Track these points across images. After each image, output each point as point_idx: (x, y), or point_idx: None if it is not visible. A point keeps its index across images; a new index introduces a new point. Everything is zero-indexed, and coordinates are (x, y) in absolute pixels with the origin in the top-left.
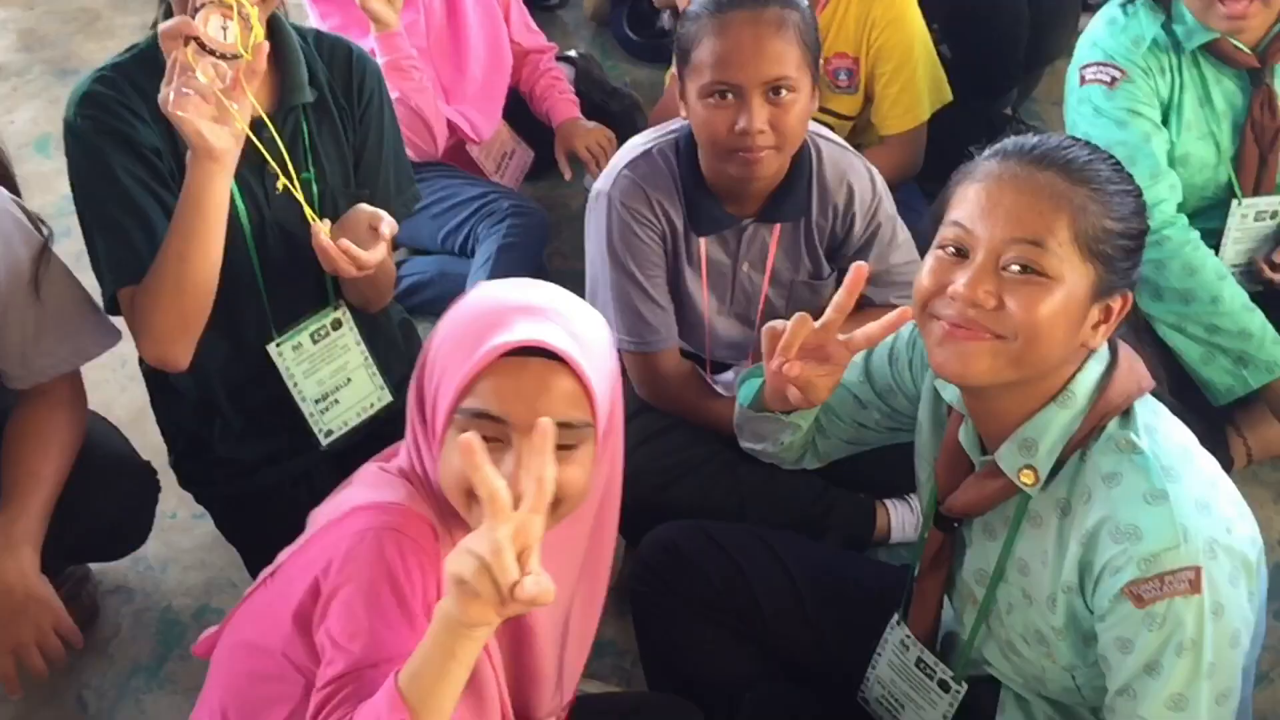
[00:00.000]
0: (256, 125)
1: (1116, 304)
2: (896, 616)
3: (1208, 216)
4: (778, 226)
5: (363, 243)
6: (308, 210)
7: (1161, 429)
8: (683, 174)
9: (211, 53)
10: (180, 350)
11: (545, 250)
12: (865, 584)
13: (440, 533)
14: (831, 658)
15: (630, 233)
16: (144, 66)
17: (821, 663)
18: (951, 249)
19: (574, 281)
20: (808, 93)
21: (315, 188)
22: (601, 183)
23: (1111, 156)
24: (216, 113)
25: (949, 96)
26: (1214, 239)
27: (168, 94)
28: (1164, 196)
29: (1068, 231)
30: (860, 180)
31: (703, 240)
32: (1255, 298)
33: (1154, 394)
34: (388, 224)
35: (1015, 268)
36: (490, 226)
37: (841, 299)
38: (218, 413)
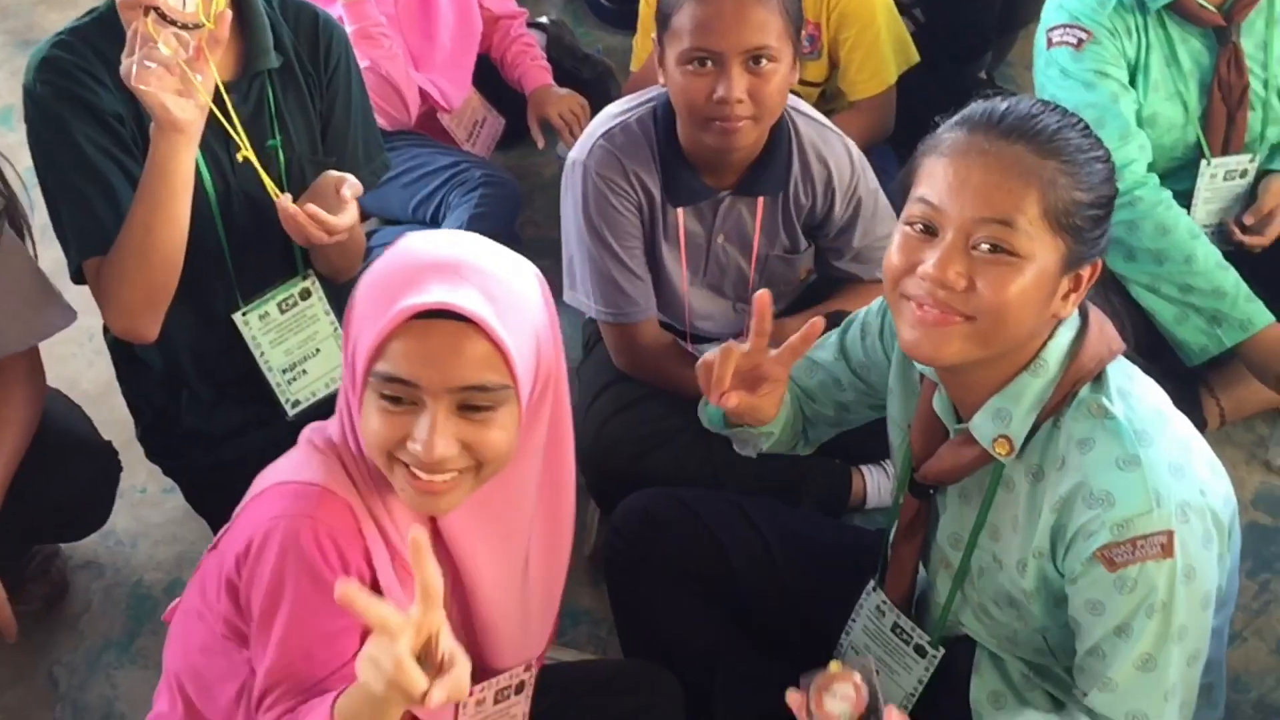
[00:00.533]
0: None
1: (1086, 272)
2: (872, 582)
3: (1177, 178)
4: (760, 202)
5: (331, 209)
6: (268, 183)
7: (1135, 392)
8: (660, 144)
9: (173, 23)
10: (147, 322)
11: (518, 219)
12: (841, 549)
13: (360, 511)
14: (807, 623)
15: (606, 203)
16: (104, 30)
17: (797, 628)
18: (920, 226)
19: (548, 250)
20: (788, 63)
21: (282, 155)
22: (577, 152)
23: (1081, 121)
24: (180, 84)
25: (916, 58)
26: (1184, 200)
27: (129, 66)
28: (1134, 157)
29: (1037, 207)
30: (838, 159)
31: (679, 211)
32: (1226, 258)
33: (1126, 356)
34: (351, 185)
35: (985, 246)
36: (462, 196)
37: (760, 325)
38: (185, 384)
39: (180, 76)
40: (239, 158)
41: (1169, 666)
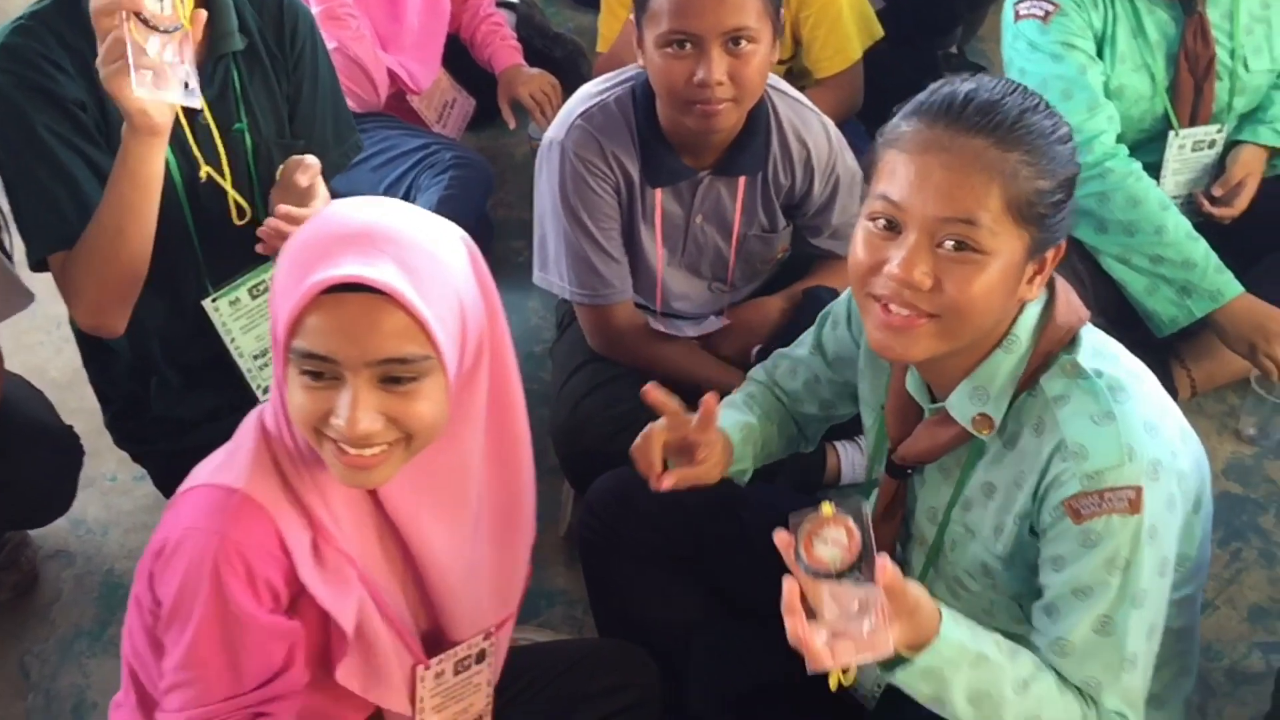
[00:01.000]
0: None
1: (1051, 254)
2: None
3: (1146, 149)
4: (742, 181)
5: (301, 198)
6: (233, 204)
7: (1109, 353)
8: (639, 124)
9: (154, 28)
10: (116, 318)
11: (489, 201)
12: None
13: (281, 510)
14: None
15: (583, 184)
16: (64, 13)
17: (771, 606)
18: (882, 222)
19: (520, 231)
20: (768, 44)
21: (249, 139)
22: (554, 131)
23: (1041, 102)
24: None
25: (880, 33)
26: (1153, 172)
27: (110, 72)
28: (1103, 128)
29: (1000, 202)
30: (816, 138)
31: (657, 191)
32: (1195, 230)
33: (1097, 326)
34: (305, 168)
35: (950, 244)
36: (432, 178)
37: (670, 404)
38: (154, 371)
39: (159, 78)
40: (202, 175)
41: (1127, 633)
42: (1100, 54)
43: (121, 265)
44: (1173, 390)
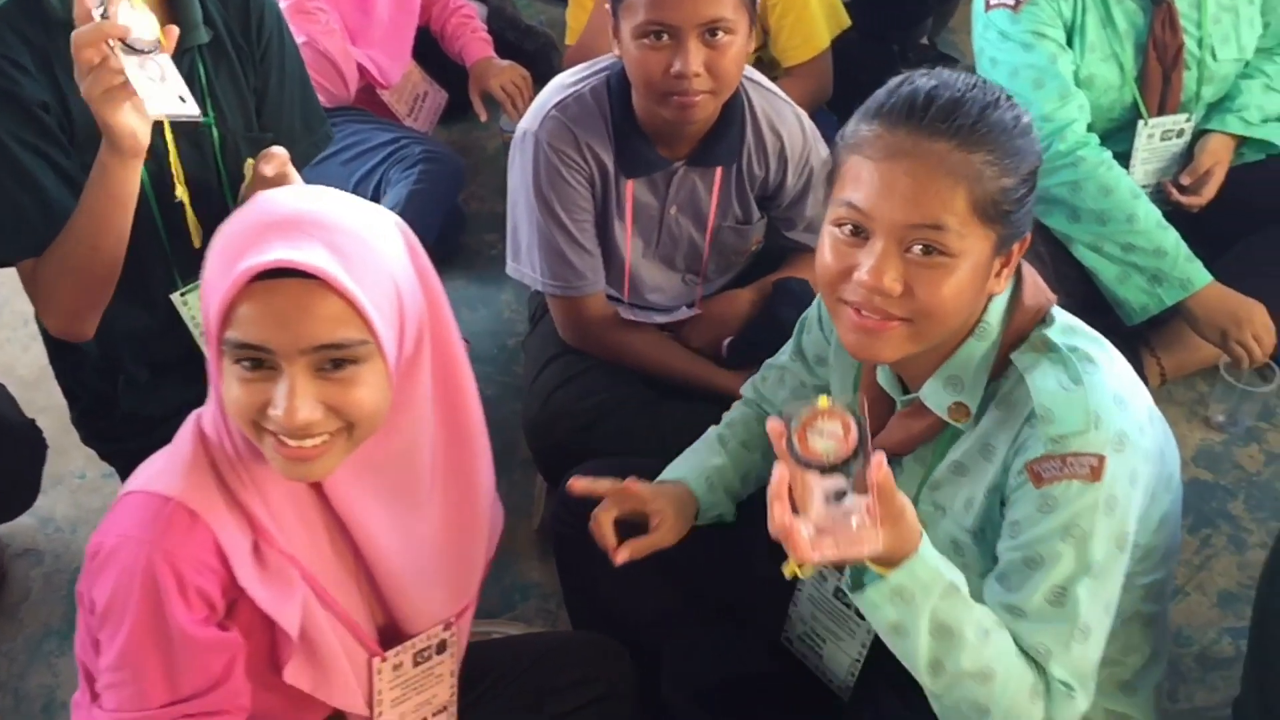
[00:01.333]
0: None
1: (1016, 247)
2: None
3: (1115, 139)
4: (718, 172)
5: (270, 188)
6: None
7: (1081, 331)
8: (614, 114)
9: (137, 50)
10: (88, 324)
11: (461, 194)
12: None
13: (217, 516)
14: (756, 596)
15: (557, 175)
16: (25, 11)
17: (746, 598)
18: (849, 228)
19: (493, 224)
20: (744, 34)
21: (215, 132)
22: (528, 122)
23: (1001, 95)
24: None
25: (847, 21)
26: (1122, 161)
27: (103, 98)
28: (1075, 117)
29: (966, 204)
30: (790, 129)
31: (632, 182)
32: (1165, 219)
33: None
34: (267, 158)
35: (918, 249)
36: (401, 172)
37: (599, 487)
38: (122, 369)
39: (159, 98)
40: (177, 195)
41: (1080, 603)
42: (1070, 43)
43: (95, 277)
44: (1143, 378)
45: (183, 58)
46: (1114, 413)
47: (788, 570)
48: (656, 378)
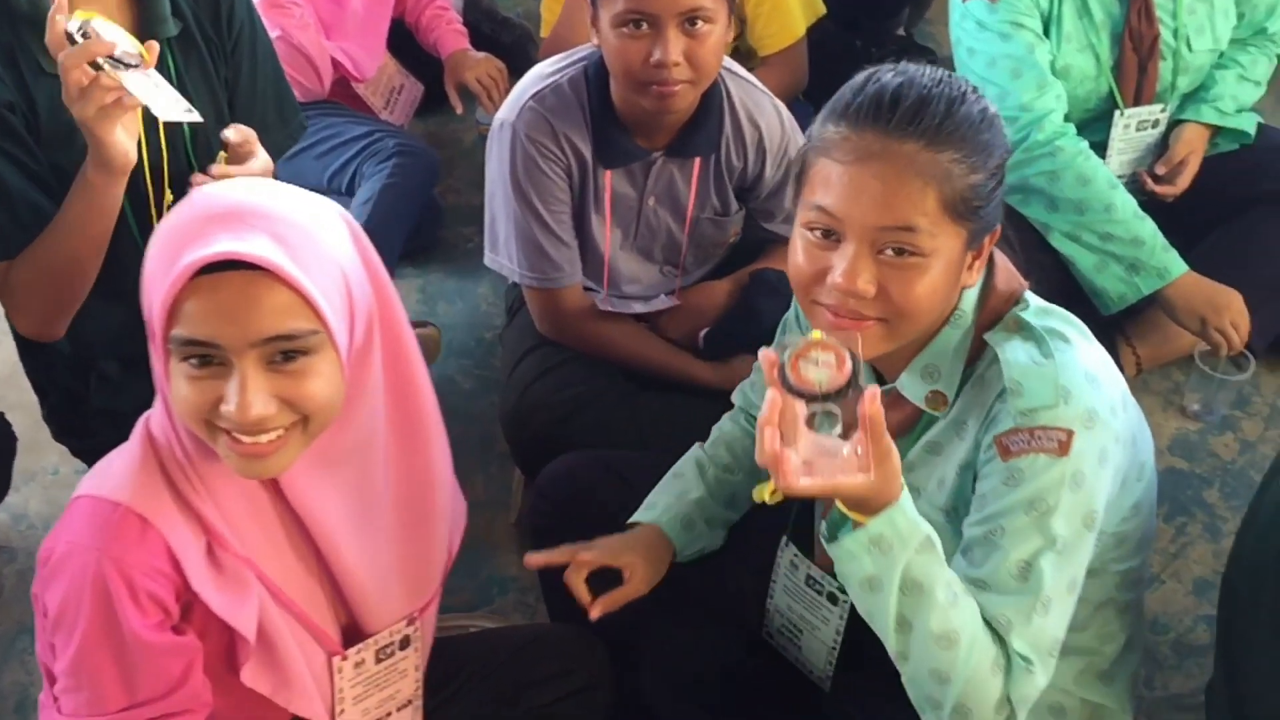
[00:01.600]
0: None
1: (988, 240)
2: (785, 538)
3: (1091, 129)
4: (696, 163)
5: (237, 158)
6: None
7: (1055, 311)
8: (592, 105)
9: (124, 65)
10: (59, 326)
11: (438, 187)
12: (763, 509)
13: (168, 520)
14: (733, 583)
15: (535, 167)
16: None
17: (723, 589)
18: (820, 232)
19: (471, 217)
20: (724, 23)
21: (186, 126)
22: (505, 112)
23: (969, 89)
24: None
25: (822, 9)
26: (1098, 152)
27: (96, 117)
28: (1052, 107)
29: (936, 204)
30: (769, 120)
31: (610, 173)
32: (1141, 208)
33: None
34: (235, 128)
35: (890, 250)
36: (375, 166)
37: (555, 558)
38: (93, 364)
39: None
40: (167, 198)
41: (1043, 577)
42: (1046, 33)
43: (72, 284)
44: (1119, 368)
45: None
46: (1085, 390)
47: (757, 495)
48: (634, 369)
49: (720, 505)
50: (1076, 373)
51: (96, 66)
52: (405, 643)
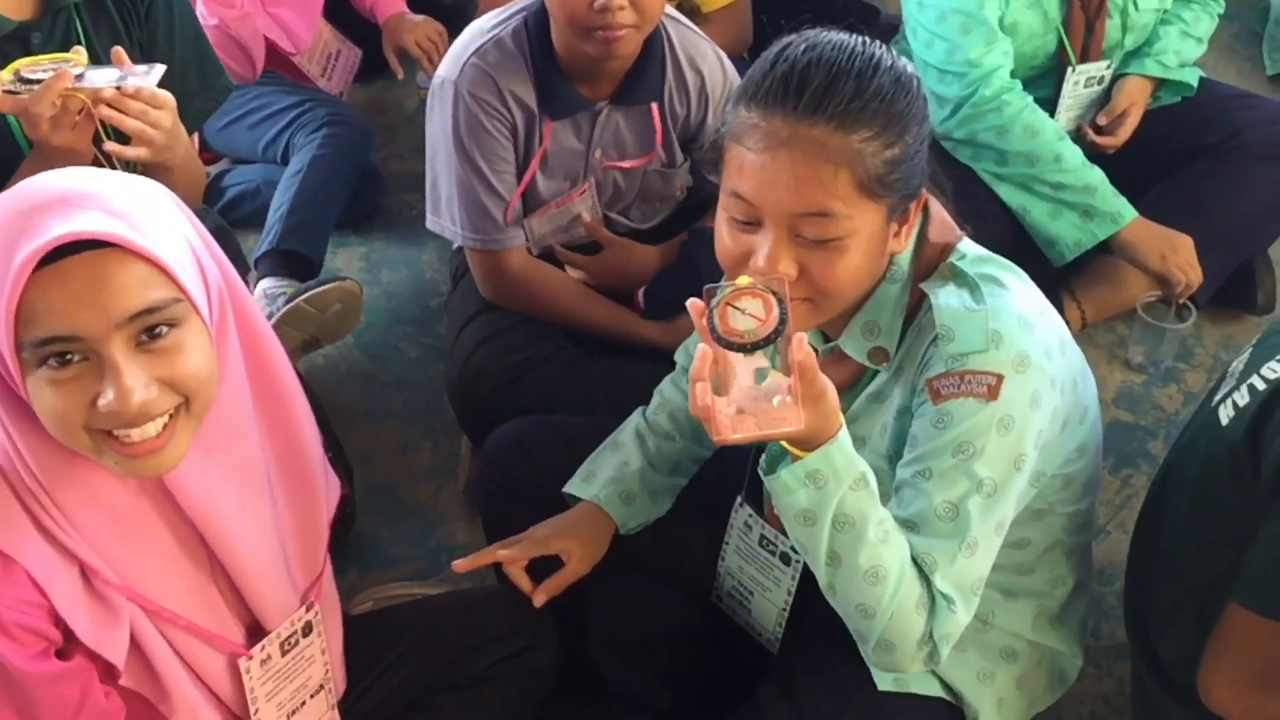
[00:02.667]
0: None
1: (913, 206)
2: (739, 499)
3: (1035, 86)
4: (654, 109)
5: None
6: None
7: (993, 259)
8: (534, 56)
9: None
10: None
11: (380, 154)
12: (713, 471)
13: (32, 554)
14: (686, 550)
15: (479, 125)
16: None
17: (673, 551)
18: (740, 219)
19: (414, 184)
20: None
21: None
22: (446, 70)
23: (882, 54)
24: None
25: None
26: (1044, 107)
27: (71, 133)
28: (1000, 63)
29: (850, 185)
30: (711, 66)
31: (555, 125)
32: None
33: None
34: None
35: (808, 234)
36: (306, 137)
37: (482, 559)
38: None
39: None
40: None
41: (969, 519)
42: None
43: None
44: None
45: (56, 17)
46: (1017, 334)
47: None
48: (579, 331)
49: (664, 474)
50: (1009, 317)
51: (12, 92)
52: (308, 629)
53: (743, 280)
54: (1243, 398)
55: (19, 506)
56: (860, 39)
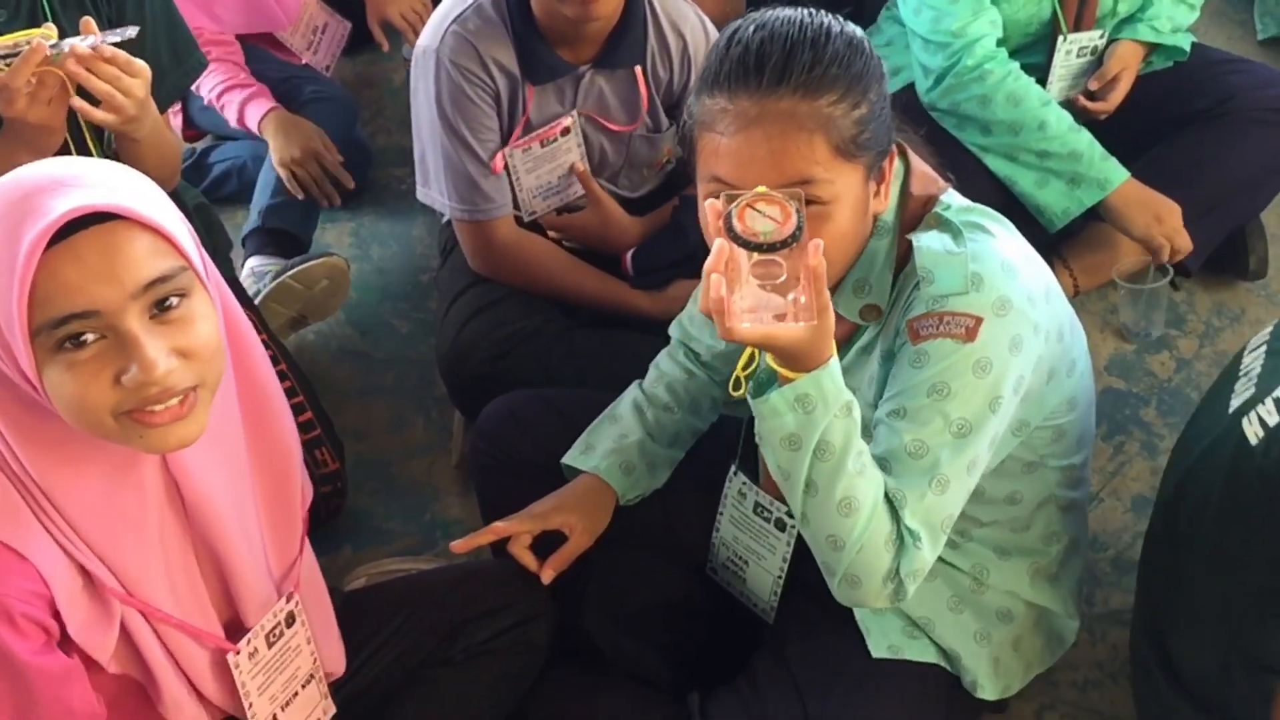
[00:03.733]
0: None
1: (886, 164)
2: (734, 467)
3: (1028, 53)
4: (625, 75)
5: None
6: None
7: (980, 209)
8: (514, 22)
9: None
10: None
11: (368, 128)
12: (707, 441)
13: (34, 543)
14: (678, 516)
15: (461, 94)
16: None
17: (667, 522)
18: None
19: (403, 158)
20: None
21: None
22: (428, 39)
23: (832, 21)
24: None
25: None
26: (1035, 74)
27: (48, 108)
28: (985, 32)
29: (827, 150)
30: (693, 29)
31: (539, 91)
32: None
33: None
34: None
35: None
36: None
37: (481, 539)
38: None
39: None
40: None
41: (940, 457)
42: None
43: None
44: None
45: None
46: (999, 278)
47: (733, 385)
48: (569, 301)
49: (662, 446)
50: (991, 261)
51: None
52: (291, 619)
53: (761, 188)
54: (1271, 416)
55: (25, 506)
56: (806, 10)
